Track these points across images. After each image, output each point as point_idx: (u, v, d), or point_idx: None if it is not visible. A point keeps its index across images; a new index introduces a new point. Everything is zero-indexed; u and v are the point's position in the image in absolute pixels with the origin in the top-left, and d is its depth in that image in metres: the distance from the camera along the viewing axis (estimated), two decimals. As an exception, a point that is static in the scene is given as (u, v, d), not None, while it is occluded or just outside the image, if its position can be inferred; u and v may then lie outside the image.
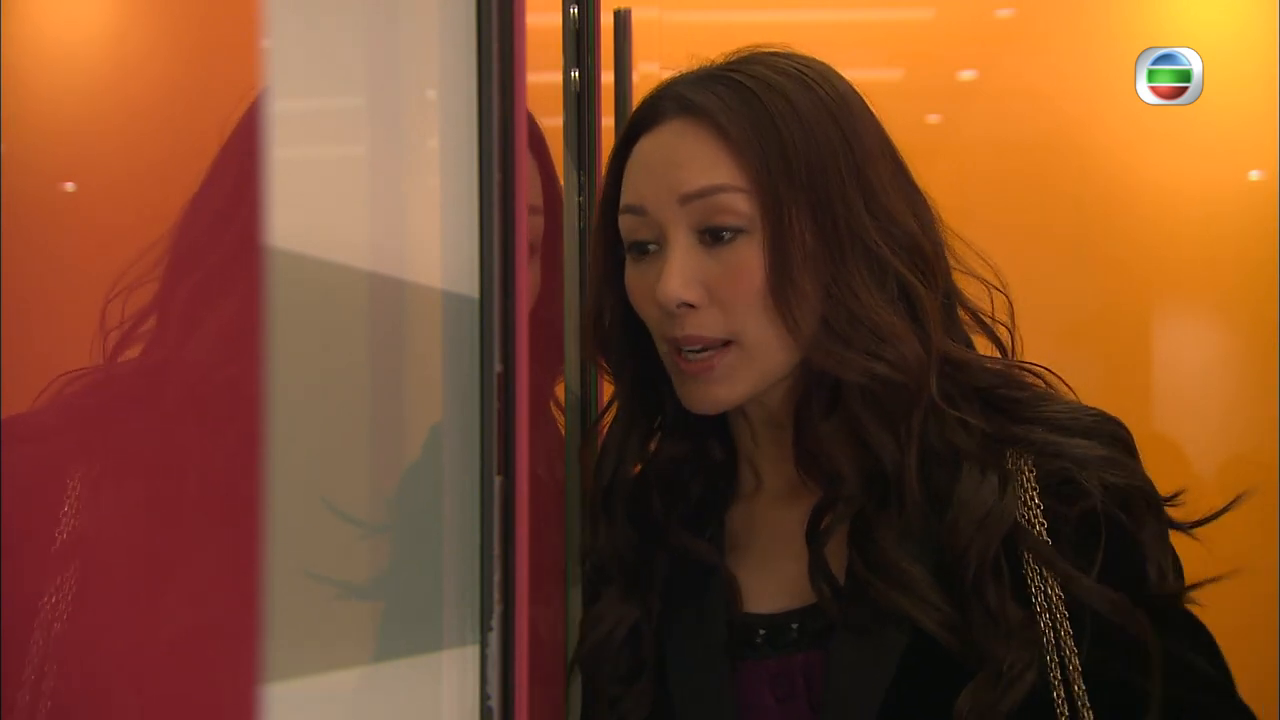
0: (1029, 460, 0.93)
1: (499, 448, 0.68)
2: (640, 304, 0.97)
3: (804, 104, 0.94)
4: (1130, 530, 0.91)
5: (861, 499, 0.95)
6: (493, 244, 0.68)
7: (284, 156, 0.55)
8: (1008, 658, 0.88)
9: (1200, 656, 0.92)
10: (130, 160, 0.80)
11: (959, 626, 0.90)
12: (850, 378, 0.92)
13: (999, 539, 0.90)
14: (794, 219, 0.91)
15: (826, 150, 0.93)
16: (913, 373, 0.92)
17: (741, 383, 0.94)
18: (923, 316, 0.94)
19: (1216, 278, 2.19)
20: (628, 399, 1.04)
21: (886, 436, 0.93)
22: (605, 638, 1.00)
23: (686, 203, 0.93)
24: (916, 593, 0.90)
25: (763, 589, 0.99)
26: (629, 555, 1.02)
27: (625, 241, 0.98)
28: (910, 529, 0.93)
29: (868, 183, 0.94)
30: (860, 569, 0.93)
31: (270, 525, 0.52)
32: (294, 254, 0.54)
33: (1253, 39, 2.15)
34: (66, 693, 0.79)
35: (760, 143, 0.92)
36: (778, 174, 0.91)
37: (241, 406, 0.61)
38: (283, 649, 0.53)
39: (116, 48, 0.82)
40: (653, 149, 0.96)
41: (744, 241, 0.92)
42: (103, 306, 0.79)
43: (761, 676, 0.95)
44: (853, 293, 0.91)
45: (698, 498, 1.03)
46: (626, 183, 0.98)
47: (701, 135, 0.93)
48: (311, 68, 0.59)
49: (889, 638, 0.91)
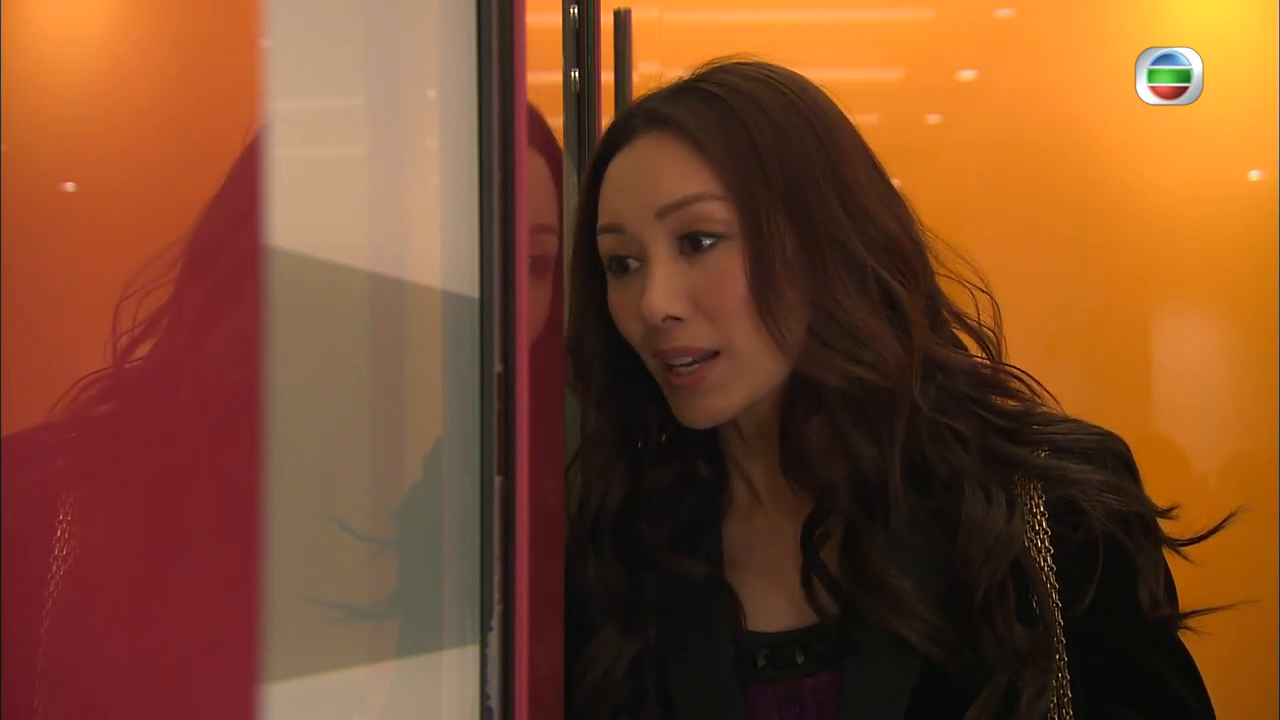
0: (1037, 487, 0.93)
1: (499, 448, 0.68)
2: (624, 322, 0.96)
3: (775, 108, 0.93)
4: (1126, 556, 0.91)
5: (851, 509, 0.94)
6: (493, 244, 0.68)
7: (284, 156, 0.55)
8: (1018, 681, 0.88)
9: (1183, 687, 0.92)
10: (130, 160, 0.80)
11: (948, 638, 0.90)
12: (830, 381, 0.91)
13: (1007, 563, 0.91)
14: (772, 223, 0.90)
15: (800, 152, 0.92)
16: (892, 374, 0.91)
17: (736, 392, 0.93)
18: (904, 318, 0.93)
19: (1216, 278, 2.19)
20: (611, 428, 1.02)
21: (866, 441, 0.93)
22: (605, 675, 0.97)
23: (664, 215, 0.92)
24: (901, 605, 0.90)
25: (765, 606, 0.97)
26: (620, 588, 0.99)
27: (605, 260, 0.97)
28: (901, 541, 0.92)
29: (844, 184, 0.93)
30: (849, 581, 0.93)
31: (270, 526, 0.52)
32: (294, 254, 0.54)
33: (1253, 39, 2.15)
34: (67, 691, 0.79)
35: (733, 148, 0.91)
36: (753, 179, 0.91)
37: (241, 407, 0.61)
38: (283, 649, 0.53)
39: (116, 48, 0.82)
40: (626, 166, 0.95)
41: (724, 248, 0.91)
42: (114, 308, 0.79)
43: (769, 700, 0.94)
44: (832, 295, 0.91)
45: (688, 517, 1.01)
46: (603, 204, 0.97)
47: (674, 146, 0.93)
48: (311, 68, 0.59)
49: (902, 662, 0.91)
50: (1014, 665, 0.89)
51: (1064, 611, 0.91)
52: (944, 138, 2.26)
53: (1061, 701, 0.91)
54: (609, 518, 1.01)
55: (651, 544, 1.00)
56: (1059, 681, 0.91)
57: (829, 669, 0.93)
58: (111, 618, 0.77)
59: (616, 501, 1.01)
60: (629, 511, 1.01)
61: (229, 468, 0.66)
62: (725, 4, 2.26)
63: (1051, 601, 0.91)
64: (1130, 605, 0.91)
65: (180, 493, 0.73)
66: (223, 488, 0.68)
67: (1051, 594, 0.91)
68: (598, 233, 0.97)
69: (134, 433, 0.80)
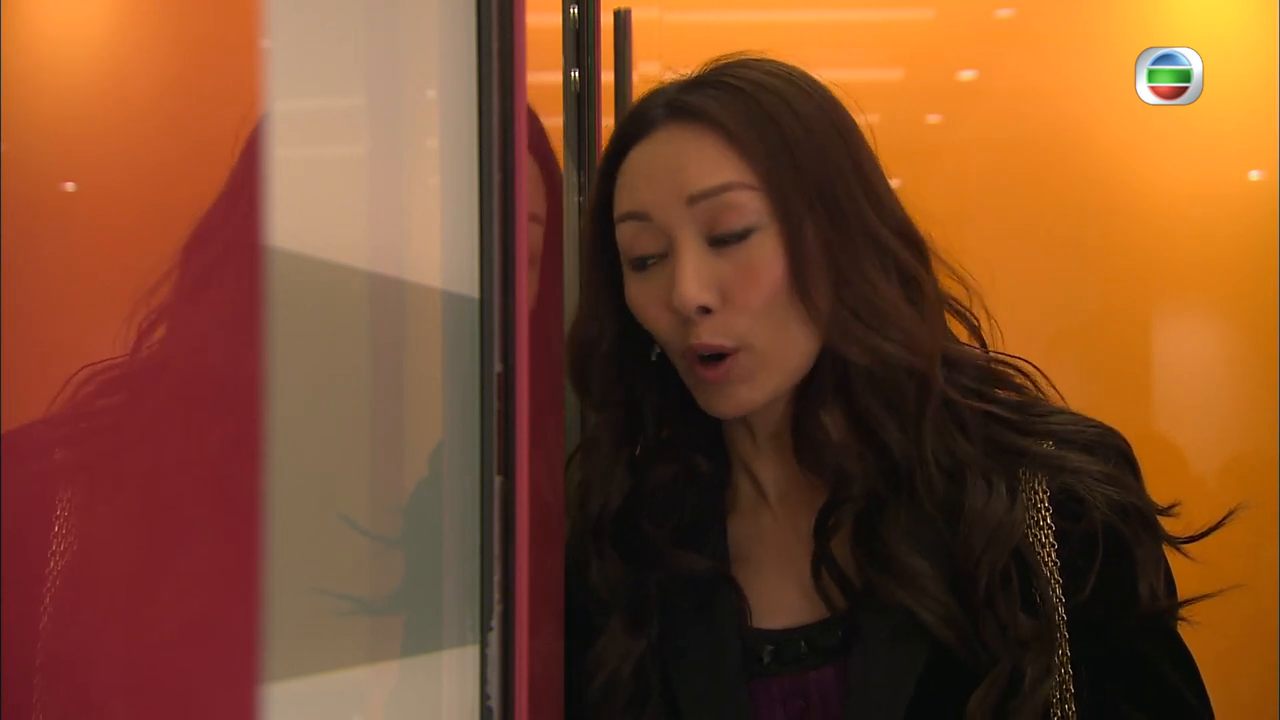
0: (1041, 478, 0.93)
1: (499, 448, 0.68)
2: (649, 314, 0.95)
3: (799, 101, 0.94)
4: (1126, 548, 0.92)
5: (867, 494, 0.94)
6: (493, 244, 0.68)
7: (284, 156, 0.55)
8: (1021, 666, 0.88)
9: (1182, 682, 0.93)
10: (130, 160, 0.80)
11: (960, 622, 0.90)
12: (861, 359, 0.92)
13: (1008, 551, 0.91)
14: (806, 213, 0.91)
15: (826, 143, 0.93)
16: (923, 354, 0.92)
17: (765, 381, 0.93)
18: (926, 303, 0.94)
19: (1216, 278, 2.19)
20: (612, 425, 1.02)
21: (895, 425, 0.93)
22: (612, 675, 0.97)
23: (694, 203, 0.92)
24: (917, 585, 0.91)
25: (770, 603, 0.97)
26: (624, 587, 0.99)
27: (626, 255, 0.96)
28: (918, 526, 0.93)
29: (865, 175, 0.95)
30: (864, 565, 0.93)
31: (270, 525, 0.52)
32: (294, 254, 0.54)
33: (1253, 39, 2.15)
34: (66, 689, 0.79)
35: (763, 139, 0.92)
36: (785, 169, 0.91)
37: (241, 406, 0.61)
38: (283, 649, 0.53)
39: (116, 48, 0.82)
40: (650, 156, 0.95)
41: (757, 239, 0.91)
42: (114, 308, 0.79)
43: (773, 695, 0.94)
44: (867, 280, 0.92)
45: (691, 514, 1.01)
46: (622, 192, 0.96)
47: (702, 136, 0.93)
48: (311, 68, 0.59)
49: (907, 654, 0.91)
50: (1017, 651, 0.89)
51: (1066, 600, 0.91)
52: (944, 138, 2.26)
53: (1064, 692, 0.91)
54: (610, 517, 1.01)
55: (655, 541, 1.00)
56: (1062, 670, 0.91)
57: (834, 662, 0.94)
58: (111, 618, 0.77)
59: (618, 500, 1.01)
60: (631, 509, 1.01)
61: (229, 467, 0.66)
62: (725, 4, 2.26)
63: (1054, 590, 0.91)
64: (1130, 597, 0.92)
65: (180, 491, 0.73)
66: (222, 487, 0.68)
67: (1053, 583, 0.91)
68: (618, 221, 0.96)
69: (134, 431, 0.80)
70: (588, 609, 1.00)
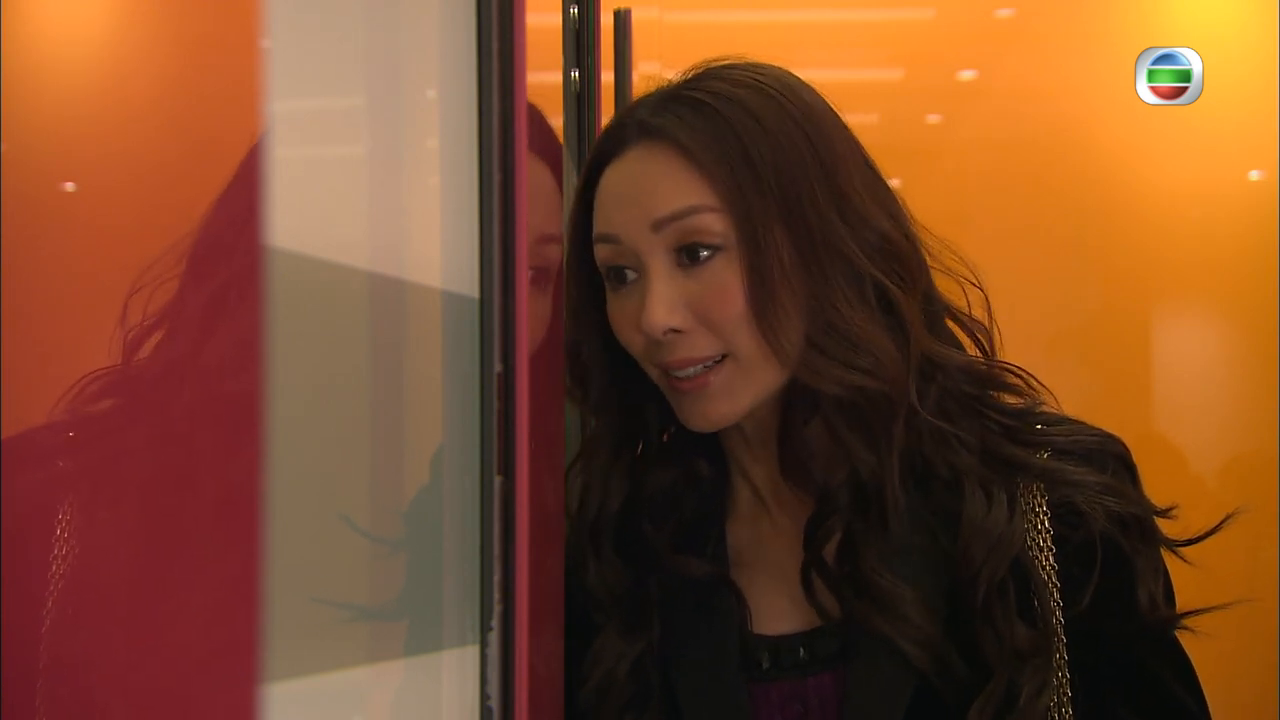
0: (1039, 489, 0.93)
1: (499, 448, 0.68)
2: (625, 334, 0.95)
3: (766, 114, 0.92)
4: (1125, 558, 0.92)
5: (850, 512, 0.94)
6: (493, 244, 0.68)
7: (284, 156, 0.55)
8: (1019, 680, 0.89)
9: (1182, 689, 0.93)
10: (130, 160, 0.80)
11: (937, 648, 0.90)
12: (828, 389, 0.91)
13: (1007, 563, 0.91)
14: (768, 233, 0.90)
15: (794, 159, 0.91)
16: (889, 379, 0.91)
17: (742, 396, 0.92)
18: (901, 321, 0.93)
19: (1216, 278, 2.20)
20: (611, 429, 1.02)
21: (863, 446, 0.93)
22: (608, 676, 0.97)
23: (660, 228, 0.91)
24: (893, 610, 0.90)
25: (769, 608, 0.97)
26: (621, 589, 0.99)
27: (603, 270, 0.96)
28: (898, 546, 0.92)
29: (839, 188, 0.92)
30: (844, 590, 0.93)
31: (270, 526, 0.52)
32: (294, 254, 0.54)
33: (1253, 39, 2.15)
34: (67, 691, 0.79)
35: (727, 159, 0.90)
36: (748, 189, 0.90)
37: (241, 407, 0.61)
38: (283, 649, 0.53)
39: (116, 48, 0.82)
40: (619, 178, 0.95)
41: (721, 260, 0.90)
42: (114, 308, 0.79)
43: (771, 700, 0.94)
44: (831, 303, 0.90)
45: (691, 517, 1.01)
46: (598, 213, 0.96)
47: (667, 158, 0.92)
48: (311, 68, 0.59)
49: (905, 663, 0.91)
50: (1014, 663, 0.89)
51: (1064, 611, 0.91)
52: (944, 138, 2.26)
53: (1061, 700, 0.91)
54: (610, 519, 1.00)
55: (655, 544, 0.99)
56: (1059, 680, 0.91)
57: (832, 668, 0.94)
58: (111, 618, 0.77)
59: (617, 503, 1.01)
60: (630, 512, 1.01)
61: (229, 467, 0.66)
62: (725, 4, 2.26)
63: (1052, 601, 0.91)
64: (1129, 606, 0.92)
65: (180, 493, 0.73)
66: (223, 487, 0.68)
67: (1052, 594, 0.92)
68: (594, 241, 0.96)
69: (134, 432, 0.80)
70: (587, 609, 1.00)
